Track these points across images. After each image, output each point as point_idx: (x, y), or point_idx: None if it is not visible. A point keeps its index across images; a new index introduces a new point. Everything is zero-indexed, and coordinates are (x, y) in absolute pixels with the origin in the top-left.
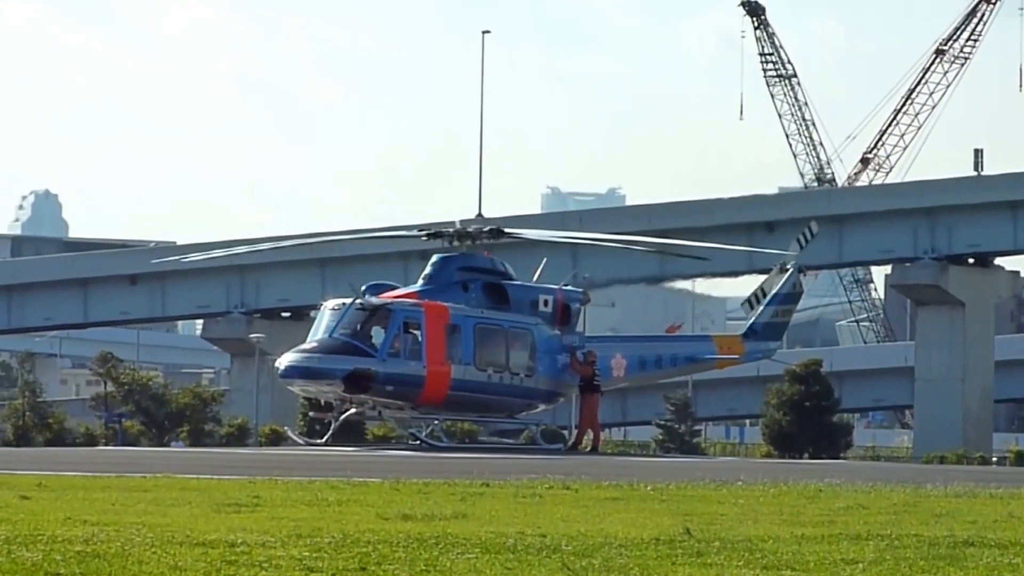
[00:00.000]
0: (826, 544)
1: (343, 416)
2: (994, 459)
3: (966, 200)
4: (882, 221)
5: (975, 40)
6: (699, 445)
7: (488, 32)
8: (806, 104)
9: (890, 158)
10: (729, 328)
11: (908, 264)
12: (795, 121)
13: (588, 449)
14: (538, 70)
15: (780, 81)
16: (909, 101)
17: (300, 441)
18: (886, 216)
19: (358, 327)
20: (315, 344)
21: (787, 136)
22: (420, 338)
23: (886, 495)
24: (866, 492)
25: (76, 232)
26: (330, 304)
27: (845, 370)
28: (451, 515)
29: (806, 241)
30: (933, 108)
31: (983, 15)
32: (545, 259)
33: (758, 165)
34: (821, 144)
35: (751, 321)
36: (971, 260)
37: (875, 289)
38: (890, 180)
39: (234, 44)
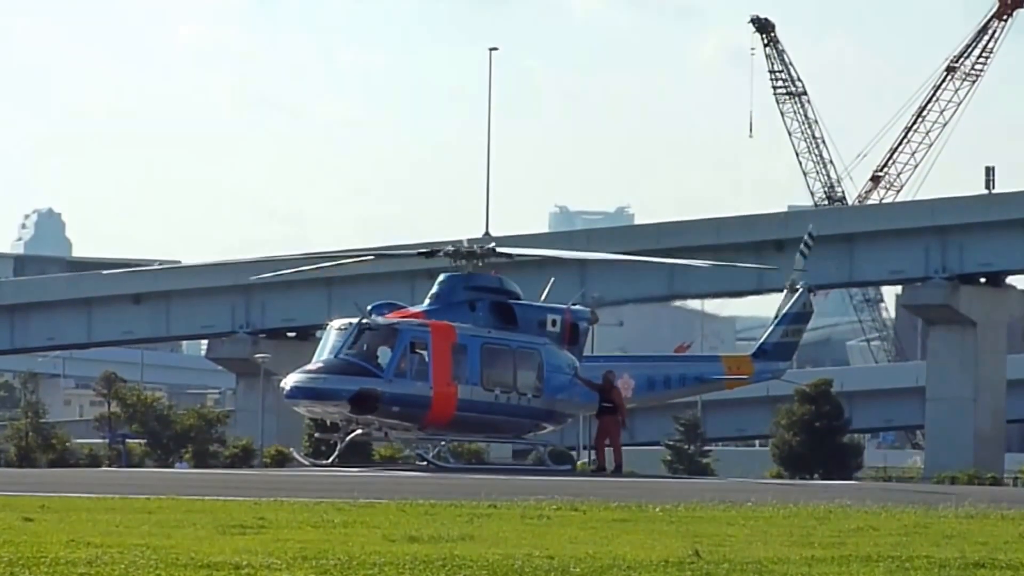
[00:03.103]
0: (836, 566)
1: (349, 437)
2: (1008, 479)
3: (977, 218)
4: (893, 240)
5: (986, 57)
6: (708, 466)
7: (496, 49)
8: (816, 122)
9: (901, 176)
10: (739, 348)
11: (919, 283)
12: (805, 139)
13: (592, 469)
14: (546, 88)
15: (790, 98)
16: (920, 119)
17: (305, 462)
18: (897, 235)
19: (364, 347)
20: (321, 364)
21: (797, 154)
22: (427, 358)
23: (896, 516)
24: (876, 513)
25: (79, 251)
26: (336, 324)
27: (855, 390)
28: (458, 537)
29: (808, 248)
30: (944, 126)
31: (994, 32)
32: (553, 278)
33: (767, 183)
34: (831, 162)
35: (761, 341)
36: (983, 279)
37: (886, 308)
38: (901, 198)
39: (240, 61)
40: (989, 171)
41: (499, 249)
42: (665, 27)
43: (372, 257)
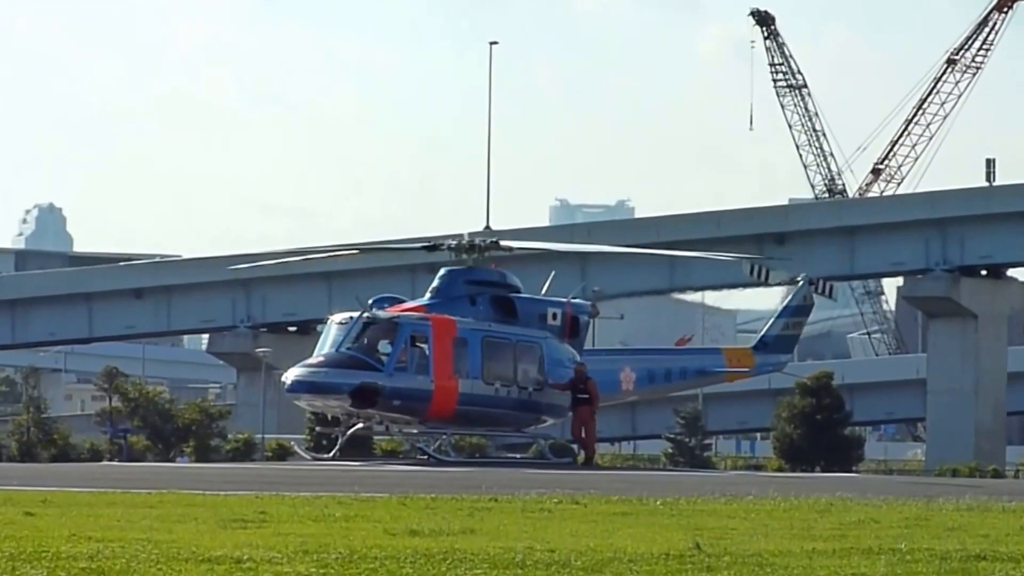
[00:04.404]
0: (837, 559)
1: (350, 431)
2: (1009, 471)
3: (978, 211)
4: (893, 232)
5: (987, 49)
6: (710, 459)
7: (496, 43)
8: (816, 114)
9: (901, 169)
10: (740, 341)
11: (920, 276)
12: (805, 132)
13: (582, 461)
14: (546, 81)
15: (790, 91)
16: (920, 111)
17: (307, 456)
18: (897, 227)
19: (365, 341)
20: (322, 358)
21: (797, 147)
22: (427, 352)
23: (897, 509)
24: (877, 506)
25: (80, 246)
26: (337, 318)
27: (856, 383)
28: (459, 530)
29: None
30: (945, 118)
31: (995, 24)
32: (554, 272)
33: (768, 176)
34: (832, 155)
35: (762, 334)
36: (983, 271)
37: (886, 301)
38: (901, 191)
39: (241, 56)
40: (990, 163)
41: (502, 242)
42: (666, 20)
43: (373, 251)
